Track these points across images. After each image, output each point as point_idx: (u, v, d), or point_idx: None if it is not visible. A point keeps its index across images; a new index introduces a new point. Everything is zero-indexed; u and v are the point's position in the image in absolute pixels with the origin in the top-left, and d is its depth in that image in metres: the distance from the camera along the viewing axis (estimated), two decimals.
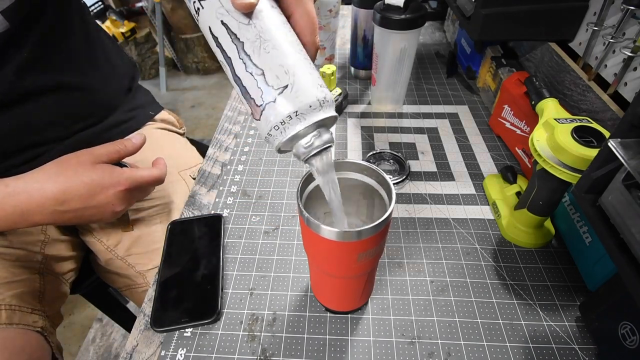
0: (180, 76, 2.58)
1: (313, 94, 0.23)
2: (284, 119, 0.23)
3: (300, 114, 0.23)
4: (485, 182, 0.50)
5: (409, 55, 0.57)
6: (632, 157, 0.24)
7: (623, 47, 0.41)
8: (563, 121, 0.36)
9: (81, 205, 0.42)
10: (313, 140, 0.24)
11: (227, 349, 0.36)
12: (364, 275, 0.33)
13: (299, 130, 0.23)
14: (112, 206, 0.44)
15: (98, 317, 1.21)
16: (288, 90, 0.23)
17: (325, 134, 0.25)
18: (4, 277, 0.47)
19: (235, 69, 0.24)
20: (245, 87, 0.24)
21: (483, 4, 0.48)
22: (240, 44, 0.23)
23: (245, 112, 0.66)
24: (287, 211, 0.48)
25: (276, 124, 0.23)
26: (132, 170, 0.45)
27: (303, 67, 0.24)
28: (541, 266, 0.41)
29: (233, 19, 0.23)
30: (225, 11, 0.23)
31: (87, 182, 0.42)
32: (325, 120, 0.24)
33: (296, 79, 0.23)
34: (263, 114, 0.23)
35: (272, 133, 0.24)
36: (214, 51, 0.25)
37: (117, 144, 0.46)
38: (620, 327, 0.30)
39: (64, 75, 0.52)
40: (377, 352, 0.35)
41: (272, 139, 0.24)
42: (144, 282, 0.56)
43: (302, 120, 0.23)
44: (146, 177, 0.46)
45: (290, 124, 0.23)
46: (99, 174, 0.43)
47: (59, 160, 0.43)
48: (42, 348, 0.45)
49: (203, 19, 0.24)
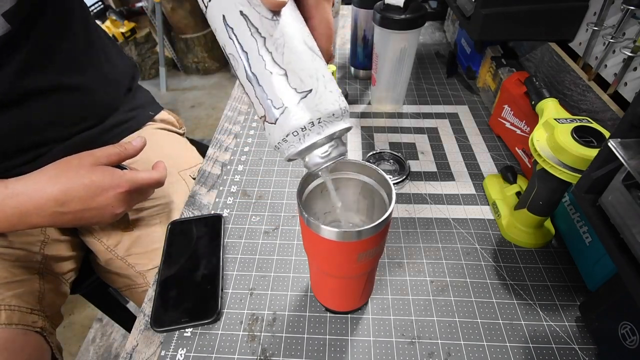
0: (180, 76, 2.58)
1: (336, 101, 0.22)
2: (305, 125, 0.21)
3: (322, 121, 0.22)
4: (485, 182, 0.50)
5: (409, 55, 0.57)
6: (632, 157, 0.24)
7: (623, 47, 0.41)
8: (563, 121, 0.36)
9: (81, 206, 0.42)
10: (331, 150, 0.23)
11: (227, 349, 0.36)
12: (364, 275, 0.33)
13: (318, 139, 0.22)
14: (111, 208, 0.44)
15: (98, 317, 1.21)
16: (312, 95, 0.21)
17: (341, 145, 0.24)
18: (3, 278, 0.46)
19: (251, 65, 0.22)
20: (261, 87, 0.22)
21: (483, 4, 0.48)
22: (261, 39, 0.21)
23: (245, 112, 0.66)
24: (287, 211, 0.48)
25: (295, 130, 0.22)
26: (132, 173, 0.46)
27: (326, 73, 0.23)
28: (541, 266, 0.41)
29: (255, 11, 0.21)
30: (247, 2, 0.21)
31: (87, 183, 0.42)
32: (342, 130, 0.23)
33: (320, 84, 0.22)
34: (280, 118, 0.22)
35: (288, 139, 0.22)
36: (224, 43, 0.23)
37: (118, 146, 0.46)
38: (620, 327, 0.30)
39: (64, 76, 0.52)
40: (377, 352, 0.35)
41: (287, 145, 0.22)
42: (144, 282, 0.56)
43: (323, 128, 0.22)
44: (146, 179, 0.46)
45: (311, 132, 0.22)
46: (99, 175, 0.43)
47: (59, 162, 0.43)
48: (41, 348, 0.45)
49: (217, 6, 0.22)
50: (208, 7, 0.23)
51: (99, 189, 0.43)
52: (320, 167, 0.24)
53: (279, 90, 0.21)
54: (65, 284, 0.57)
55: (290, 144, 0.22)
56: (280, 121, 0.22)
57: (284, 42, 0.21)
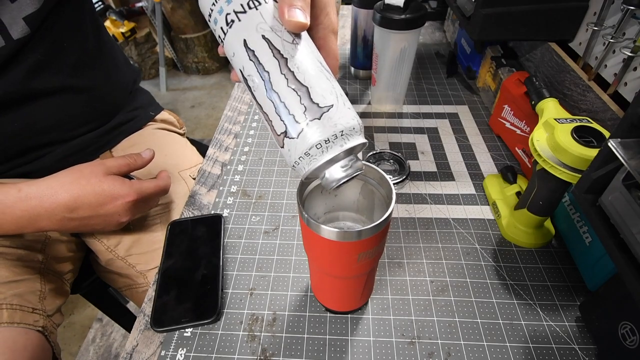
0: (180, 76, 2.58)
1: (354, 117, 0.23)
2: (328, 137, 0.22)
3: (345, 135, 0.23)
4: (485, 182, 0.50)
5: (409, 55, 0.57)
6: (632, 157, 0.24)
7: (623, 47, 0.41)
8: (563, 121, 0.36)
9: (89, 213, 0.44)
10: (351, 164, 0.24)
11: (227, 349, 0.36)
12: (364, 275, 0.33)
13: (340, 151, 0.23)
14: (118, 216, 0.46)
15: (98, 317, 1.21)
16: (333, 109, 0.22)
17: (359, 161, 0.25)
18: (5, 277, 0.47)
19: (272, 84, 0.23)
20: (283, 103, 0.23)
21: (483, 4, 0.48)
22: (283, 59, 0.23)
23: (245, 112, 0.66)
24: (287, 211, 0.48)
25: (319, 143, 0.22)
26: (140, 182, 0.47)
27: (341, 92, 0.24)
28: (541, 266, 0.41)
29: (277, 35, 0.23)
30: (269, 27, 0.23)
31: (98, 191, 0.43)
32: (360, 145, 0.24)
33: (339, 101, 0.23)
34: (303, 132, 0.22)
35: (311, 152, 0.23)
36: (243, 65, 0.24)
37: (128, 157, 0.48)
38: (620, 327, 0.30)
39: (74, 77, 0.53)
40: (377, 352, 0.35)
41: (308, 160, 0.23)
42: (144, 282, 0.56)
43: (345, 141, 0.23)
44: (152, 188, 0.48)
45: (334, 144, 0.23)
46: (109, 184, 0.44)
47: (72, 169, 0.44)
48: (43, 347, 0.45)
49: (237, 31, 0.24)
50: (227, 33, 0.24)
51: (108, 197, 0.44)
52: (340, 181, 0.24)
53: (301, 106, 0.22)
54: (66, 283, 0.57)
55: (313, 157, 0.23)
56: (303, 135, 0.22)
57: (304, 62, 0.23)
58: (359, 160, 0.25)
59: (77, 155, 0.58)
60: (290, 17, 0.23)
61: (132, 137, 0.65)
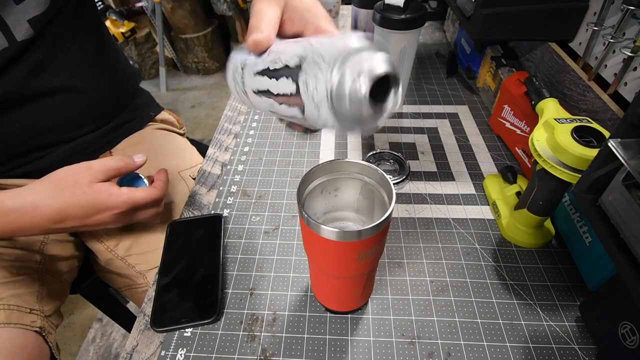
0: (180, 76, 2.58)
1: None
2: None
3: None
4: (485, 182, 0.50)
5: (409, 55, 0.57)
6: (632, 157, 0.24)
7: (623, 47, 0.41)
8: (563, 121, 0.36)
9: (77, 224, 0.42)
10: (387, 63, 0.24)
11: (227, 349, 0.36)
12: (364, 275, 0.33)
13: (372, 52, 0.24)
14: (108, 225, 0.44)
15: (98, 317, 1.21)
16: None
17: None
18: (3, 277, 0.46)
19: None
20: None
21: (483, 4, 0.48)
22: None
23: (245, 112, 0.66)
24: (287, 211, 0.48)
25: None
26: (130, 192, 0.43)
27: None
28: (541, 266, 0.41)
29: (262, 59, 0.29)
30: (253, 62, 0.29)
31: (83, 204, 0.41)
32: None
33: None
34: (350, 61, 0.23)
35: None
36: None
37: (119, 160, 0.45)
38: (620, 327, 0.30)
39: (74, 78, 0.53)
40: (377, 352, 0.35)
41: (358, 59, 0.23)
42: (144, 282, 0.56)
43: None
44: (143, 199, 0.44)
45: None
46: (95, 196, 0.41)
47: (54, 178, 0.42)
48: (40, 348, 0.45)
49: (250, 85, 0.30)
50: (249, 96, 0.31)
51: (94, 210, 0.42)
52: (385, 65, 0.24)
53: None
54: (65, 283, 0.57)
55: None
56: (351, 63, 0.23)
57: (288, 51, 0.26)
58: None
59: (77, 155, 0.58)
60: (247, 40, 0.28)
61: (132, 137, 0.65)
